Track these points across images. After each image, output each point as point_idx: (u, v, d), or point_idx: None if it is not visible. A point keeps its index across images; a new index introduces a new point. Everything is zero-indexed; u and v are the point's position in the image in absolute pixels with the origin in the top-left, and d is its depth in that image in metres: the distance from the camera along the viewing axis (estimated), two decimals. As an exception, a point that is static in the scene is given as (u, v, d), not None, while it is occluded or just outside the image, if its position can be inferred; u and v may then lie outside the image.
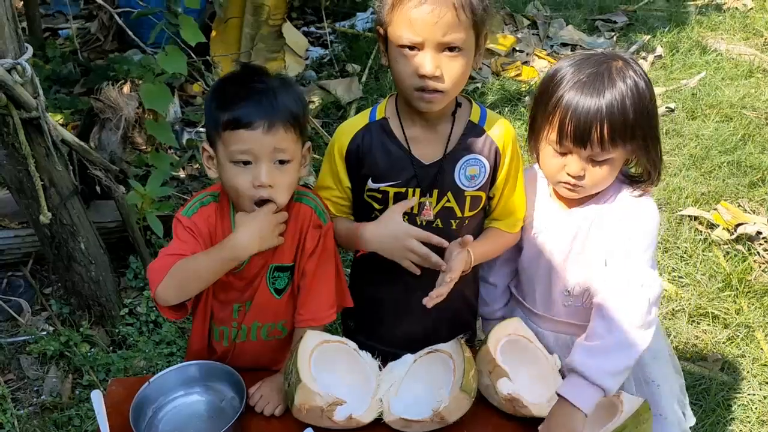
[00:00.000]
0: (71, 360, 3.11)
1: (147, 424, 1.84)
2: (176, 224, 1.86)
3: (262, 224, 1.78)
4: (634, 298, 1.77)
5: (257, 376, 1.98)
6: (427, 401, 1.84)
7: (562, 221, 2.01)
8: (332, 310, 1.99)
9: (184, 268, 1.76)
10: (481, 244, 1.98)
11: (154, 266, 1.79)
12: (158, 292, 1.78)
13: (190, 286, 1.80)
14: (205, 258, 1.78)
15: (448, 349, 1.90)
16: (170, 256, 1.78)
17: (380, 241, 1.89)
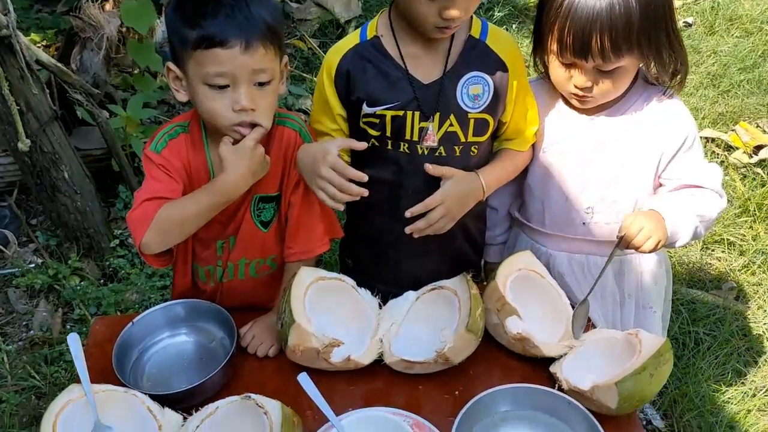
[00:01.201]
0: (61, 294, 3.00)
1: (132, 366, 1.73)
2: (146, 162, 1.70)
3: (250, 158, 1.61)
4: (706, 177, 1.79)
5: (248, 315, 1.85)
6: (431, 341, 1.71)
7: (584, 131, 1.86)
8: (324, 240, 1.85)
9: (170, 217, 1.61)
10: (493, 170, 1.83)
11: (133, 216, 1.64)
12: (143, 243, 1.63)
13: (179, 233, 1.66)
14: (193, 204, 1.62)
15: (453, 286, 1.76)
16: (149, 201, 1.62)
17: (303, 157, 1.70)
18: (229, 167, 1.61)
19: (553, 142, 1.90)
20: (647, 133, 1.83)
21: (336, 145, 1.63)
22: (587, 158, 1.87)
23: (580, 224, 1.92)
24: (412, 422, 1.57)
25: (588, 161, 1.88)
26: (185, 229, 1.66)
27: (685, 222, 1.77)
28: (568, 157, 1.89)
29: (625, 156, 1.85)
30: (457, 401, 1.66)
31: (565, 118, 1.89)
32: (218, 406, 1.51)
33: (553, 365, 1.69)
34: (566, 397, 1.58)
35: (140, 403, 1.55)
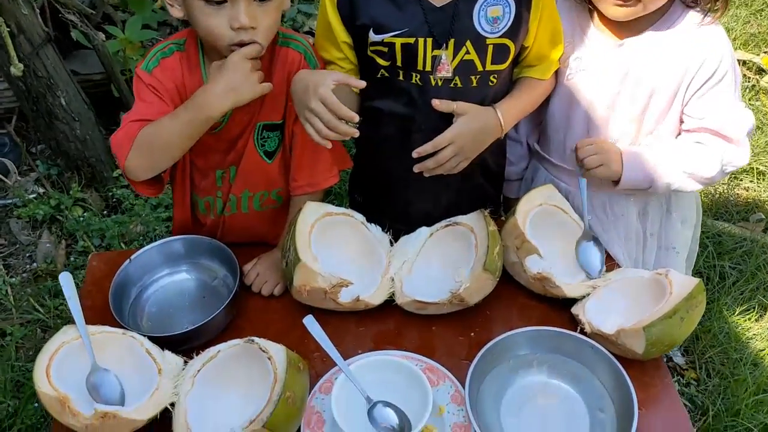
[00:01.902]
0: (63, 225, 2.92)
1: (131, 306, 1.65)
2: (137, 82, 1.56)
3: (233, 73, 1.45)
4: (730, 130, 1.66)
5: (252, 251, 1.75)
6: (445, 281, 1.61)
7: (611, 56, 1.70)
8: (332, 172, 1.73)
9: (149, 137, 1.48)
10: (512, 103, 1.67)
11: (117, 137, 1.52)
12: (126, 166, 1.51)
13: (161, 156, 1.52)
14: (172, 121, 1.48)
15: (469, 223, 1.64)
16: (134, 123, 1.50)
17: (295, 86, 1.53)
18: (210, 80, 1.47)
19: (579, 68, 1.75)
20: (679, 62, 1.67)
21: (332, 78, 1.46)
22: (614, 88, 1.72)
23: None
24: (425, 366, 1.49)
25: (615, 91, 1.72)
26: (168, 151, 1.52)
27: (659, 173, 1.73)
28: (593, 86, 1.74)
29: (655, 86, 1.70)
30: (472, 343, 1.58)
31: (592, 42, 1.73)
32: (220, 350, 1.43)
33: (575, 306, 1.59)
34: (589, 340, 1.48)
35: (139, 346, 1.47)
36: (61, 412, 1.35)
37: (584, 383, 1.47)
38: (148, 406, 1.38)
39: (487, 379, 1.47)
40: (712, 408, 2.27)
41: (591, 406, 1.45)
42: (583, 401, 1.46)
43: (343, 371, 1.40)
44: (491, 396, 1.46)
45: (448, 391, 1.46)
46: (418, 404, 1.38)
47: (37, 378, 1.37)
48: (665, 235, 1.93)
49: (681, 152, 1.73)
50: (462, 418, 1.40)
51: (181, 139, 1.50)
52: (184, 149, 1.54)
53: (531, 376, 1.50)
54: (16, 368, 2.40)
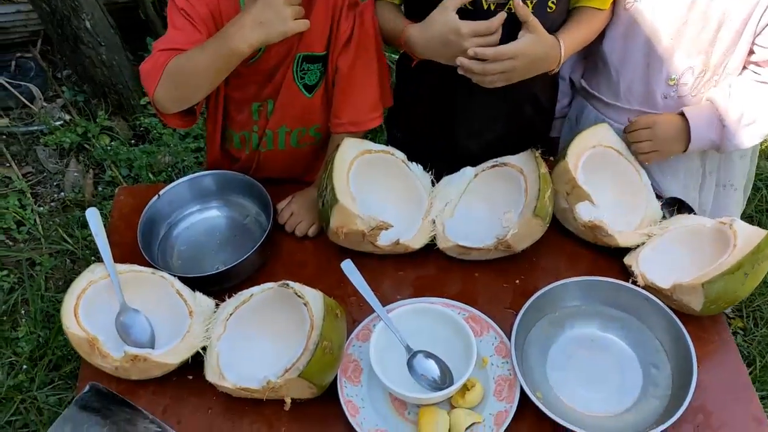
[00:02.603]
0: (91, 154, 2.85)
1: (160, 243, 1.58)
2: (170, 5, 1.44)
3: (264, 5, 1.32)
4: None
5: (286, 188, 1.67)
6: (490, 224, 1.52)
7: None
8: (376, 113, 1.61)
9: (178, 69, 1.38)
10: (572, 35, 1.52)
11: (145, 67, 1.42)
12: (155, 99, 1.42)
13: (190, 90, 1.42)
14: (201, 53, 1.37)
15: (519, 163, 1.53)
16: (164, 51, 1.39)
17: (428, 46, 1.46)
18: (244, 11, 1.35)
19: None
20: None
21: (451, 9, 1.39)
22: (680, 16, 1.56)
23: (661, 98, 1.64)
24: (468, 315, 1.41)
25: (681, 20, 1.56)
26: (196, 84, 1.42)
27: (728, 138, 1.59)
28: (657, 13, 1.58)
29: (726, 13, 1.53)
30: (517, 291, 1.50)
31: None
32: (253, 293, 1.36)
33: (628, 256, 1.50)
34: (645, 293, 1.39)
35: (169, 286, 1.41)
36: (90, 353, 1.31)
37: (637, 338, 1.39)
38: (180, 349, 1.33)
39: (533, 331, 1.40)
40: (759, 359, 2.18)
41: (644, 362, 1.37)
42: (635, 356, 1.38)
43: (383, 319, 1.33)
44: (537, 348, 1.39)
45: (493, 342, 1.38)
46: (461, 355, 1.31)
47: (65, 318, 1.32)
48: (723, 172, 1.81)
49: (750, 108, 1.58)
50: (507, 371, 1.33)
51: (209, 73, 1.39)
52: (213, 84, 1.44)
53: (580, 329, 1.42)
54: (46, 299, 2.38)
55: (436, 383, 1.30)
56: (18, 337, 2.27)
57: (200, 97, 1.47)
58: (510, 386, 1.31)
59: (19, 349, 2.24)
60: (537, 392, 1.29)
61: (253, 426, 1.31)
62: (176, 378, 1.36)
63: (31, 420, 2.08)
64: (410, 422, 1.30)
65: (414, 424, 1.29)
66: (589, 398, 1.33)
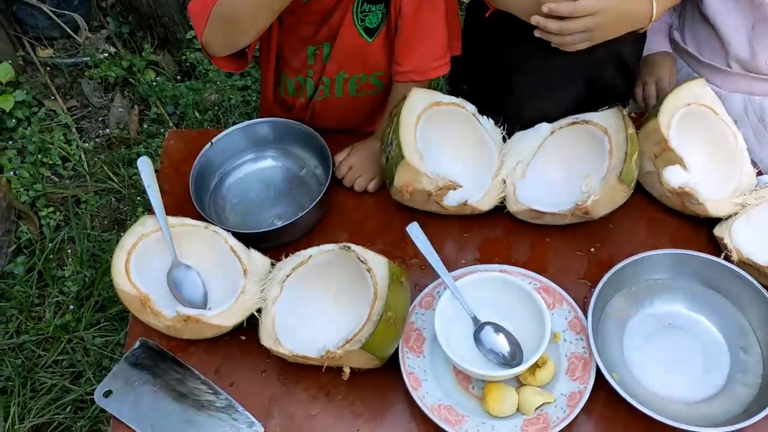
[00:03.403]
0: (136, 89, 2.76)
1: (212, 195, 1.50)
2: None
3: None
4: None
5: (344, 139, 1.56)
6: (565, 187, 1.41)
7: None
8: (443, 60, 1.48)
9: (226, 9, 1.26)
10: None
11: (193, 8, 1.32)
12: (204, 41, 1.33)
13: (238, 32, 1.30)
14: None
15: (603, 122, 1.40)
16: None
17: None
18: None
19: None
20: None
21: None
22: None
23: (765, 64, 1.47)
24: (540, 286, 1.31)
25: None
26: (244, 26, 1.30)
27: None
28: None
29: None
30: (592, 260, 1.40)
31: None
32: (311, 255, 1.28)
33: (719, 227, 1.37)
34: (738, 270, 1.27)
35: (223, 242, 1.33)
36: (142, 311, 1.25)
37: (725, 318, 1.28)
38: (234, 311, 1.26)
39: (610, 305, 1.29)
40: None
41: (732, 345, 1.26)
42: (723, 338, 1.27)
43: (450, 288, 1.24)
44: (615, 324, 1.28)
45: (566, 315, 1.28)
46: (532, 330, 1.22)
47: (115, 274, 1.26)
48: None
49: None
50: (581, 349, 1.24)
51: (255, 16, 1.27)
52: (263, 26, 1.32)
53: (662, 306, 1.31)
54: (92, 238, 2.34)
55: (505, 359, 1.21)
56: (65, 276, 2.24)
57: (250, 40, 1.35)
58: (585, 365, 1.22)
59: (66, 288, 2.21)
60: (613, 373, 1.19)
61: (308, 392, 1.25)
62: (228, 338, 1.30)
63: (78, 360, 2.07)
64: (475, 397, 1.22)
65: (479, 399, 1.21)
66: (669, 382, 1.23)
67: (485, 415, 1.19)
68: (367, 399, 1.24)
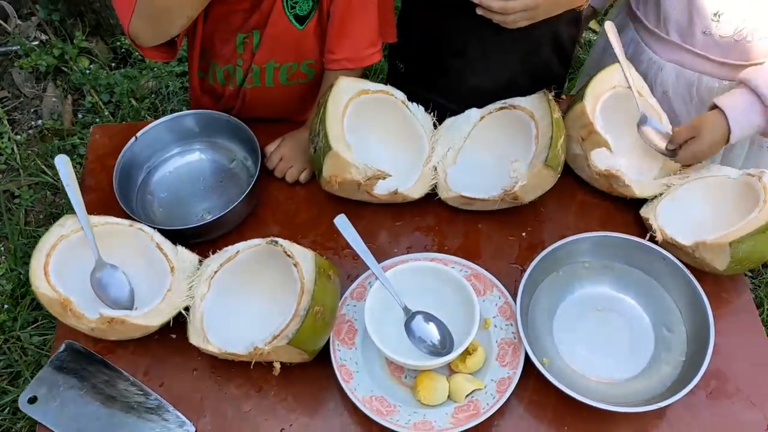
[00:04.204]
0: (69, 77, 2.68)
1: (139, 190, 1.46)
2: None
3: None
4: None
5: (276, 130, 1.53)
6: (496, 172, 1.41)
7: None
8: (375, 48, 1.46)
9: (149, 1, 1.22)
10: None
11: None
12: (131, 32, 1.30)
13: (165, 22, 1.28)
14: None
15: (530, 107, 1.40)
16: None
17: None
18: None
19: None
20: None
21: None
22: None
23: (701, 33, 1.48)
24: (471, 273, 1.32)
25: None
26: (172, 16, 1.28)
27: None
28: None
29: None
30: (523, 244, 1.40)
31: None
32: (239, 250, 1.26)
33: (645, 208, 1.39)
34: (662, 251, 1.29)
35: (149, 240, 1.30)
36: (63, 314, 1.22)
37: (651, 298, 1.30)
38: (160, 310, 1.23)
39: (540, 289, 1.30)
40: (766, 302, 2.11)
41: (657, 324, 1.28)
42: (648, 318, 1.29)
43: (379, 278, 1.23)
44: (545, 308, 1.30)
45: (496, 302, 1.29)
46: (462, 317, 1.23)
47: (34, 278, 1.22)
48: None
49: None
50: (511, 334, 1.25)
51: (182, 5, 1.25)
52: (190, 16, 1.29)
53: (590, 288, 1.33)
54: (27, 234, 2.28)
55: (436, 347, 1.21)
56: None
57: (179, 29, 1.32)
58: (514, 351, 1.23)
59: (0, 287, 2.15)
60: (543, 358, 1.20)
61: (240, 389, 1.23)
62: (158, 337, 1.28)
63: (15, 361, 2.02)
64: (407, 387, 1.22)
65: (411, 389, 1.22)
66: (597, 363, 1.25)
67: (417, 404, 1.20)
68: (300, 393, 1.23)
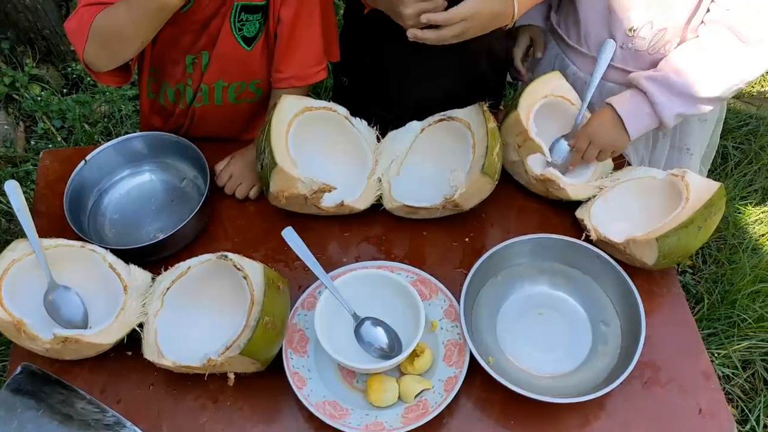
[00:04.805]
0: (21, 104, 2.68)
1: (91, 213, 1.49)
2: None
3: None
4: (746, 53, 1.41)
5: (225, 148, 1.58)
6: (437, 182, 1.46)
7: None
8: (320, 66, 1.52)
9: (104, 26, 1.28)
10: None
11: (71, 26, 1.32)
12: (85, 58, 1.33)
13: (117, 48, 1.32)
14: (125, 10, 1.26)
15: (466, 118, 1.46)
16: (89, 7, 1.29)
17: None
18: None
19: None
20: None
21: None
22: None
23: (619, 48, 1.57)
24: (417, 279, 1.37)
25: None
26: (125, 42, 1.32)
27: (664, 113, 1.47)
28: None
29: None
30: (467, 250, 1.46)
31: None
32: (191, 266, 1.29)
33: (580, 210, 1.46)
34: (595, 250, 1.36)
35: (101, 260, 1.33)
36: (18, 336, 1.24)
37: (587, 294, 1.37)
38: (114, 327, 1.26)
39: (483, 291, 1.36)
40: (707, 297, 2.21)
41: (594, 319, 1.35)
42: (585, 313, 1.36)
43: (327, 287, 1.28)
44: (488, 309, 1.36)
45: (442, 305, 1.35)
46: (409, 320, 1.28)
47: (-14, 301, 1.24)
48: (680, 135, 1.74)
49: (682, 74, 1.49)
50: (457, 335, 1.30)
51: (137, 31, 1.29)
52: (144, 41, 1.34)
53: (530, 288, 1.39)
54: (-18, 262, 2.27)
55: (385, 351, 1.26)
56: (-47, 304, 2.16)
57: (132, 54, 1.37)
58: (460, 351, 1.28)
59: (-44, 316, 2.13)
60: (489, 357, 1.26)
61: (197, 401, 1.27)
62: (114, 354, 1.30)
63: (-26, 389, 2.01)
64: (359, 391, 1.27)
65: (363, 392, 1.26)
66: (540, 359, 1.31)
67: (369, 406, 1.24)
68: (256, 402, 1.27)
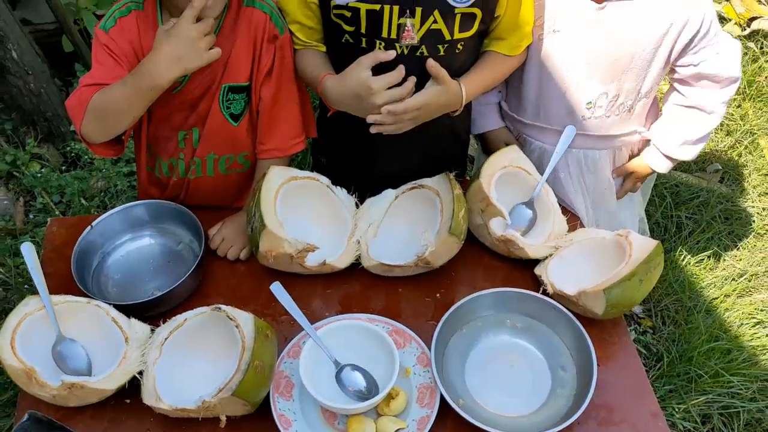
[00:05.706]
0: (21, 181, 2.85)
1: (95, 273, 1.63)
2: (95, 42, 1.51)
3: (177, 40, 1.39)
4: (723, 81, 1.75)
5: (217, 214, 1.74)
6: (411, 243, 1.63)
7: (592, 21, 1.66)
8: (299, 138, 1.71)
9: (101, 104, 1.45)
10: (477, 79, 1.62)
11: (71, 102, 1.48)
12: (82, 132, 1.49)
13: (113, 122, 1.49)
14: (121, 88, 1.44)
15: (435, 186, 1.65)
16: (88, 87, 1.46)
17: (341, 100, 1.55)
18: (155, 47, 1.42)
19: (555, 29, 1.71)
20: (662, 21, 1.64)
21: (365, 66, 1.47)
22: (593, 51, 1.69)
23: (579, 119, 1.79)
24: (392, 329, 1.52)
25: (594, 54, 1.69)
26: (119, 117, 1.49)
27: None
28: (572, 48, 1.70)
29: (637, 48, 1.68)
30: (438, 304, 1.61)
31: (570, 4, 1.68)
32: (187, 318, 1.43)
33: (538, 267, 1.62)
34: (551, 301, 1.52)
35: (105, 314, 1.46)
36: (28, 383, 1.35)
37: (546, 342, 1.52)
38: (116, 374, 1.38)
39: (452, 340, 1.51)
40: (666, 355, 2.35)
41: (553, 365, 1.49)
42: (545, 360, 1.50)
43: (311, 336, 1.42)
44: (457, 356, 1.50)
45: (414, 353, 1.49)
46: (385, 366, 1.41)
47: (1, 351, 1.36)
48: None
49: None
50: (428, 379, 1.44)
51: (131, 107, 1.46)
52: (136, 116, 1.51)
53: (495, 337, 1.54)
54: (-21, 329, 2.37)
55: (363, 394, 1.39)
56: (-49, 370, 2.25)
57: (124, 128, 1.53)
58: (431, 393, 1.41)
59: (-46, 380, 2.22)
60: (459, 399, 1.39)
61: (190, 445, 1.38)
62: (114, 402, 1.42)
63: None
64: (340, 431, 1.39)
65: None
66: (504, 401, 1.44)
67: (349, 445, 1.36)
68: (245, 443, 1.38)
